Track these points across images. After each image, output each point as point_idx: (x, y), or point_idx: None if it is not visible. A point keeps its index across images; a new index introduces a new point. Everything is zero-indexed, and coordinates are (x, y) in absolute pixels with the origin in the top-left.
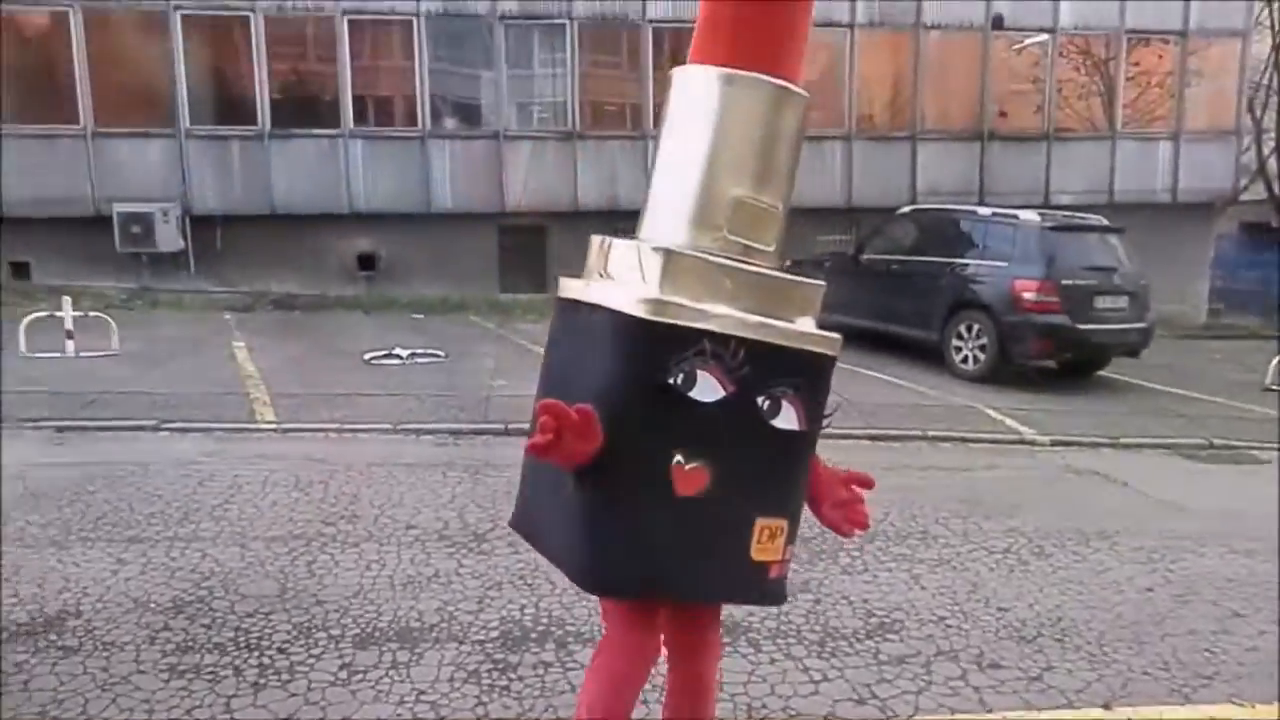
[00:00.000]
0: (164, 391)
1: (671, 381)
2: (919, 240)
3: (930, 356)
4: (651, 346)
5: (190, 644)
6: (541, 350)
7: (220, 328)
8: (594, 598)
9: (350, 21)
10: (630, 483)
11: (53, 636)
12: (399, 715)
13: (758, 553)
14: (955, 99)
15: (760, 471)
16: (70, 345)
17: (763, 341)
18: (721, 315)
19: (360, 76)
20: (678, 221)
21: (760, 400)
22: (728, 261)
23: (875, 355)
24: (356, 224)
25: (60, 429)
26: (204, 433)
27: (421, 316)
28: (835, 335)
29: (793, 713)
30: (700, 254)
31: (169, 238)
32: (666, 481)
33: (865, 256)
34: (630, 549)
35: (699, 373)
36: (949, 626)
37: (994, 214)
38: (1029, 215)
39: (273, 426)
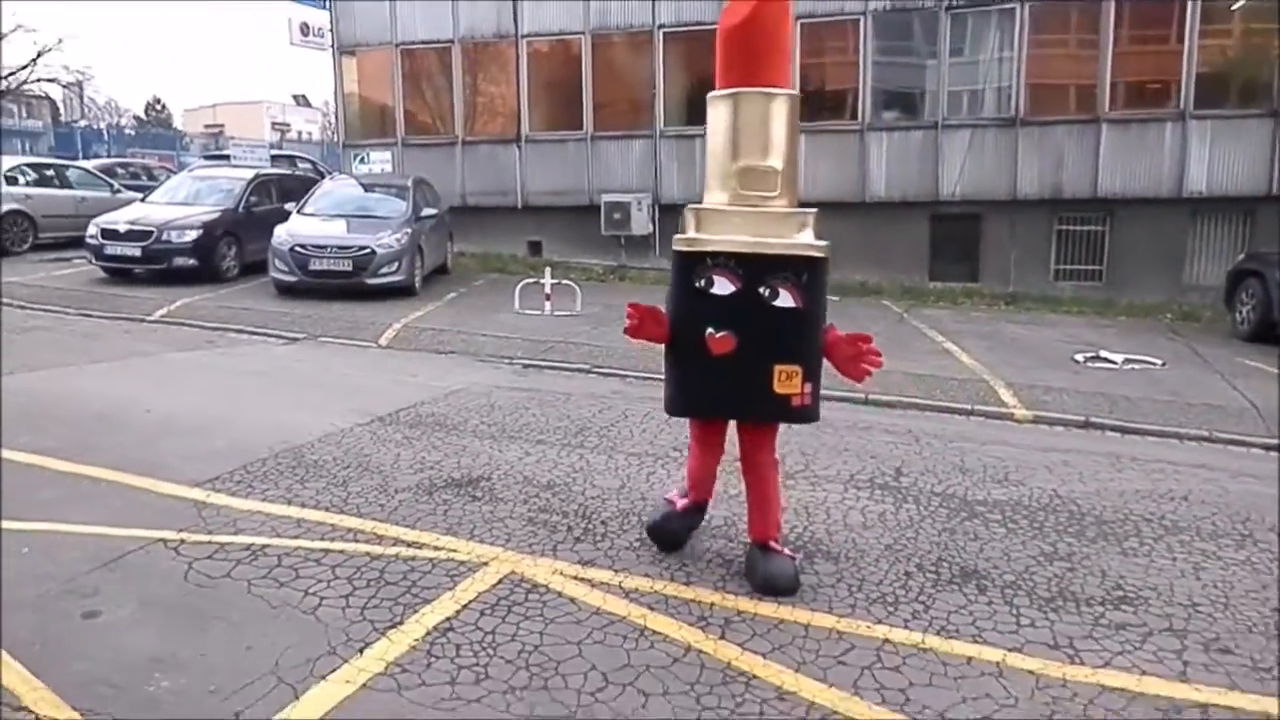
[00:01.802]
0: (602, 345)
1: (698, 285)
2: None
3: None
4: (685, 266)
5: (546, 508)
6: (936, 332)
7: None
8: (840, 530)
9: (801, 25)
10: (685, 350)
11: (469, 489)
12: (665, 570)
13: (779, 387)
14: None
15: (771, 334)
16: (547, 306)
17: (754, 253)
18: (722, 240)
19: (807, 75)
20: (713, 188)
21: (762, 290)
22: (736, 208)
23: None
24: None
25: (525, 365)
26: (613, 376)
27: (836, 299)
28: (823, 242)
29: (981, 641)
30: (719, 207)
31: (641, 223)
32: (704, 347)
33: None
34: (687, 388)
35: (715, 277)
36: (1197, 611)
37: None
38: None
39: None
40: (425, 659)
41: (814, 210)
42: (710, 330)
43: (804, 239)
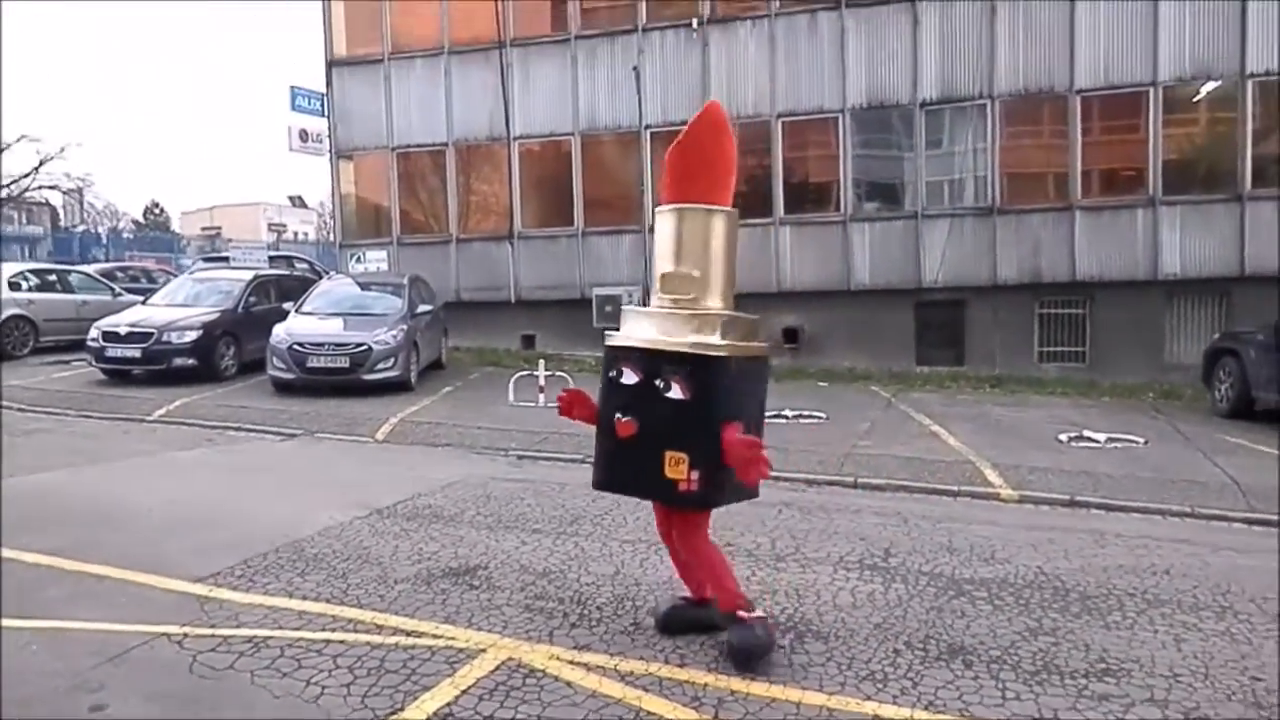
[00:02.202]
0: None
1: (611, 374)
2: None
3: None
4: (608, 357)
5: (542, 595)
6: (924, 416)
7: None
8: (830, 610)
9: (783, 123)
10: (602, 432)
11: (466, 578)
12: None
13: (669, 472)
14: None
15: (664, 422)
16: (541, 398)
17: (652, 349)
18: (631, 337)
19: (790, 169)
20: (653, 291)
21: (657, 381)
22: (654, 309)
23: None
24: (783, 301)
25: (520, 457)
26: None
27: (825, 385)
28: (721, 343)
29: (968, 715)
30: (642, 309)
31: None
32: (614, 430)
33: None
34: (604, 466)
35: (624, 368)
36: (1179, 682)
37: None
38: None
39: None
40: None
41: (727, 314)
42: (618, 415)
43: (697, 338)
